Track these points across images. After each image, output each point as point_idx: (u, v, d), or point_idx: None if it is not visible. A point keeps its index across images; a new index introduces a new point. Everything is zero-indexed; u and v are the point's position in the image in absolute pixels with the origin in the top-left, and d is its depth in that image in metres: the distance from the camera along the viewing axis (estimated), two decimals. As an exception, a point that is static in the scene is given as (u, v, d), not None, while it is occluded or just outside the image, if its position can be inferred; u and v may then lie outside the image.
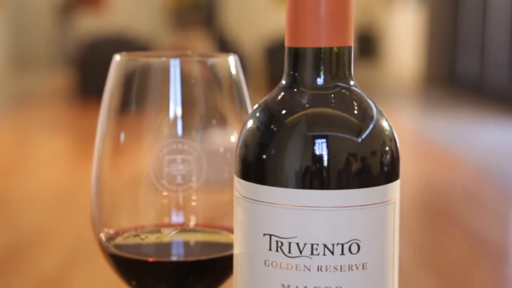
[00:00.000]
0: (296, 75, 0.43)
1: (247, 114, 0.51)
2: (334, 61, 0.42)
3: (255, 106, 0.44)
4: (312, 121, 0.42)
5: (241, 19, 7.24)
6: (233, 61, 0.51)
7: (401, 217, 0.44)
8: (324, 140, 0.41)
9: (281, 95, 0.43)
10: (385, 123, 0.43)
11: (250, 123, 0.43)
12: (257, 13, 7.30)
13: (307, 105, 0.42)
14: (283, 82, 0.44)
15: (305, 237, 0.40)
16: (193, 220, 0.50)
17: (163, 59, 0.49)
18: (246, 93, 0.52)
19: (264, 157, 0.41)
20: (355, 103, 0.43)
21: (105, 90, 0.51)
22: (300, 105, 0.42)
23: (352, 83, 0.43)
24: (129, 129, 0.50)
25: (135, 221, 0.50)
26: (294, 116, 0.42)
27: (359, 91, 0.43)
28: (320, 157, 0.40)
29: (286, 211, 0.41)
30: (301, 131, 0.41)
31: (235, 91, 0.51)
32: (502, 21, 4.98)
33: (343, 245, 0.40)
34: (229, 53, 0.52)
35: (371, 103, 0.43)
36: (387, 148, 0.42)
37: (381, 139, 0.42)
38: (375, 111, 0.43)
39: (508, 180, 1.93)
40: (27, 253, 1.02)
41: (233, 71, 0.51)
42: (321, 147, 0.41)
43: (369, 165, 0.41)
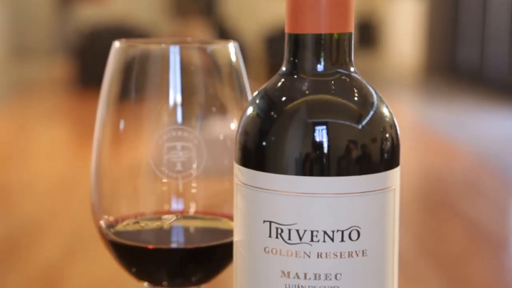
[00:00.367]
0: (296, 61, 0.43)
1: (247, 101, 0.51)
2: (334, 48, 0.42)
3: (255, 93, 0.44)
4: (312, 107, 0.41)
5: (241, 8, 7.22)
6: (233, 48, 0.51)
7: (401, 206, 0.44)
8: (324, 126, 0.41)
9: (281, 81, 0.43)
10: (385, 110, 0.43)
11: (250, 110, 0.43)
12: (257, 2, 7.28)
13: (307, 92, 0.42)
14: (283, 68, 0.43)
15: (305, 224, 0.40)
16: (193, 207, 0.50)
17: (163, 46, 0.49)
18: (246, 80, 0.51)
19: (264, 144, 0.41)
20: (355, 89, 0.42)
21: (105, 77, 0.50)
22: (300, 92, 0.42)
23: (352, 69, 0.43)
24: (128, 116, 0.50)
25: (135, 208, 0.50)
26: (294, 102, 0.42)
27: (360, 78, 0.43)
28: (320, 144, 0.40)
29: (286, 198, 0.40)
30: (301, 117, 0.41)
31: (235, 78, 0.51)
32: (502, 11, 4.97)
33: (343, 232, 0.40)
34: (229, 40, 0.51)
35: (372, 90, 0.43)
36: (388, 134, 0.42)
37: (381, 125, 0.42)
38: (375, 97, 0.43)
39: (508, 169, 1.93)
40: (27, 243, 1.02)
41: (233, 58, 0.51)
42: (321, 134, 0.40)
43: (369, 151, 0.41)
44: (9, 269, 0.90)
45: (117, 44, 0.50)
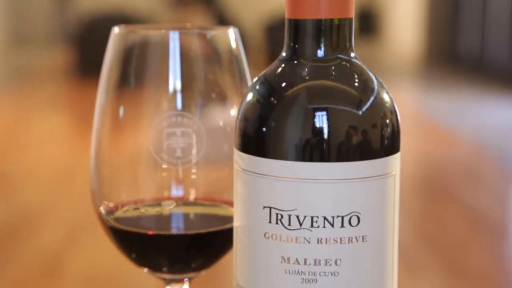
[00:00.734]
0: (296, 47, 0.43)
1: (247, 87, 0.51)
2: (334, 33, 0.42)
3: (255, 78, 0.44)
4: (312, 93, 0.41)
5: (241, -4, 7.19)
6: (233, 34, 0.51)
7: (401, 195, 0.44)
8: (324, 112, 0.40)
9: (281, 67, 0.43)
10: (385, 96, 0.43)
11: (250, 96, 0.43)
12: (257, -9, 7.25)
13: (307, 78, 0.42)
14: (283, 54, 0.43)
15: (305, 210, 0.40)
16: (193, 193, 0.50)
17: (162, 31, 0.49)
18: (246, 66, 0.51)
19: (264, 129, 0.41)
20: (355, 75, 0.42)
21: (104, 63, 0.50)
22: (300, 78, 0.42)
23: (352, 55, 0.43)
24: (128, 103, 0.50)
25: (135, 194, 0.50)
26: (294, 88, 0.42)
27: (360, 63, 0.43)
28: (320, 130, 0.40)
29: (286, 184, 0.40)
30: (301, 103, 0.41)
31: (234, 64, 0.51)
32: (503, -1, 4.96)
33: (343, 218, 0.40)
34: (229, 26, 0.51)
35: (372, 76, 0.43)
36: (388, 120, 0.42)
37: (381, 111, 0.42)
38: (375, 83, 0.43)
39: (508, 158, 1.93)
40: (27, 230, 1.02)
41: (233, 44, 0.51)
42: (321, 120, 0.40)
43: (369, 137, 0.41)
44: (8, 257, 0.91)
45: (116, 30, 0.50)
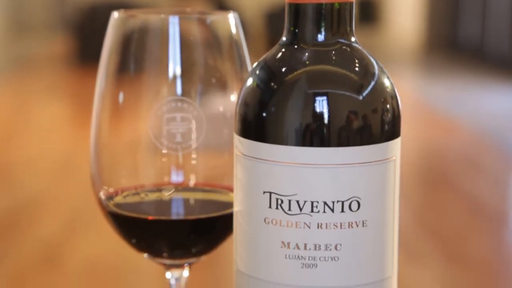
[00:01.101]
0: (296, 31, 0.42)
1: (247, 72, 0.50)
2: (335, 17, 0.42)
3: (255, 63, 0.44)
4: (312, 78, 0.41)
5: (241, -16, 7.17)
6: (233, 19, 0.50)
7: (401, 183, 0.44)
8: (324, 97, 0.40)
9: (281, 52, 0.43)
10: (386, 80, 0.42)
11: (250, 81, 0.43)
12: (257, -22, 7.23)
13: (308, 62, 0.42)
14: (284, 38, 0.43)
15: (305, 195, 0.40)
16: (192, 178, 0.50)
17: (162, 16, 0.49)
18: (246, 51, 0.51)
19: (264, 114, 0.41)
20: (356, 60, 0.42)
21: (103, 48, 0.50)
22: (300, 62, 0.42)
23: (353, 39, 0.43)
24: (127, 88, 0.50)
25: (135, 180, 0.50)
26: (294, 73, 0.41)
27: (360, 48, 0.43)
28: (320, 115, 0.40)
29: (286, 169, 0.40)
30: (302, 88, 0.41)
31: (234, 49, 0.50)
32: (504, -14, 4.94)
33: (343, 203, 0.40)
34: (229, 11, 0.51)
35: (373, 60, 0.43)
36: (388, 105, 0.42)
37: (382, 96, 0.42)
38: (376, 68, 0.42)
39: (508, 145, 1.93)
40: (28, 218, 1.02)
41: (233, 29, 0.50)
42: (321, 105, 0.40)
43: (370, 122, 0.41)
44: (8, 246, 0.91)
45: (115, 14, 0.50)
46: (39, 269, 0.83)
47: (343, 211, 0.40)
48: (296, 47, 0.42)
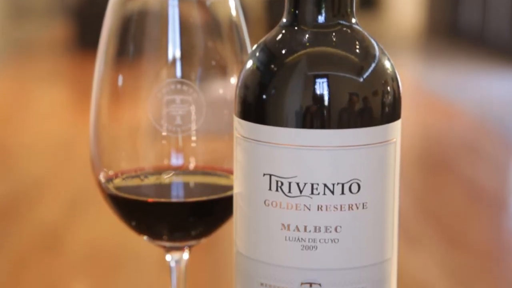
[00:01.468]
0: (297, 12, 0.42)
1: (247, 55, 0.50)
2: (336, -2, 0.42)
3: (255, 45, 0.44)
4: (312, 60, 0.41)
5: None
6: (233, 2, 0.50)
7: (401, 167, 0.44)
8: (325, 79, 0.40)
9: (282, 33, 0.43)
10: (387, 62, 0.42)
11: (250, 63, 0.43)
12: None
13: (308, 44, 0.42)
14: (284, 20, 0.43)
15: (305, 177, 0.40)
16: (192, 161, 0.50)
17: (162, -2, 0.48)
18: (246, 34, 0.51)
19: (264, 96, 0.41)
20: (356, 41, 0.42)
21: (102, 31, 0.50)
22: (300, 44, 0.42)
23: (353, 21, 0.43)
24: (127, 71, 0.49)
25: (134, 162, 0.50)
26: (294, 55, 0.41)
27: (361, 29, 0.43)
28: (320, 97, 0.40)
29: (286, 151, 0.40)
30: (302, 70, 0.41)
31: (234, 32, 0.50)
32: (505, -28, 4.92)
33: (343, 185, 0.40)
34: (229, -7, 0.51)
35: (373, 42, 0.42)
36: (389, 87, 0.42)
37: (383, 78, 0.41)
38: (377, 50, 0.42)
39: (508, 131, 1.93)
40: (28, 203, 1.02)
41: (233, 12, 0.50)
42: (321, 86, 0.40)
43: (370, 104, 0.41)
44: (9, 230, 0.91)
45: (115, -4, 0.49)
46: (39, 253, 0.84)
47: (343, 193, 0.40)
48: (296, 28, 0.42)
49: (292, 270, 0.41)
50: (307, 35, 0.42)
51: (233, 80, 0.50)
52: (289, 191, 0.40)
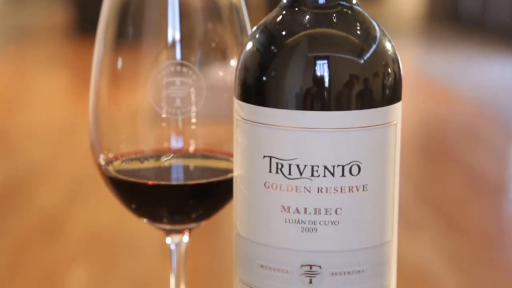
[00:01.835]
0: (297, -7, 0.42)
1: (247, 37, 0.50)
2: (336, -21, 0.41)
3: (255, 27, 0.43)
4: (313, 41, 0.41)
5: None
6: (233, -16, 0.50)
7: (401, 153, 0.43)
8: (325, 60, 0.40)
9: (282, 15, 0.42)
10: (388, 44, 0.42)
11: (249, 45, 0.42)
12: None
13: (308, 25, 0.41)
14: (284, 1, 0.43)
15: (305, 159, 0.40)
16: (192, 143, 0.50)
17: (161, -21, 0.48)
18: (246, 16, 0.51)
19: (264, 78, 0.41)
20: (357, 23, 0.42)
21: (101, 13, 0.49)
22: (301, 25, 0.41)
23: (354, 1, 0.42)
24: (126, 54, 0.49)
25: (134, 145, 0.50)
26: (294, 36, 0.41)
27: (362, 10, 0.42)
28: (321, 78, 0.40)
29: (286, 133, 0.40)
30: (302, 51, 0.40)
31: (234, 14, 0.50)
32: (506, -43, 4.90)
33: (343, 167, 0.40)
34: (229, -25, 0.50)
35: (374, 23, 0.42)
36: (390, 69, 0.41)
37: (383, 60, 0.41)
38: (378, 31, 0.42)
39: (508, 116, 1.92)
40: (28, 188, 1.02)
41: (233, -7, 0.50)
42: (322, 68, 0.40)
43: (370, 86, 0.40)
44: (9, 216, 0.91)
45: (114, -21, 0.49)
46: (39, 239, 0.84)
47: (343, 175, 0.40)
48: (296, 9, 0.42)
49: (292, 252, 0.41)
50: (307, 16, 0.41)
51: (233, 62, 0.50)
52: (289, 173, 0.40)
